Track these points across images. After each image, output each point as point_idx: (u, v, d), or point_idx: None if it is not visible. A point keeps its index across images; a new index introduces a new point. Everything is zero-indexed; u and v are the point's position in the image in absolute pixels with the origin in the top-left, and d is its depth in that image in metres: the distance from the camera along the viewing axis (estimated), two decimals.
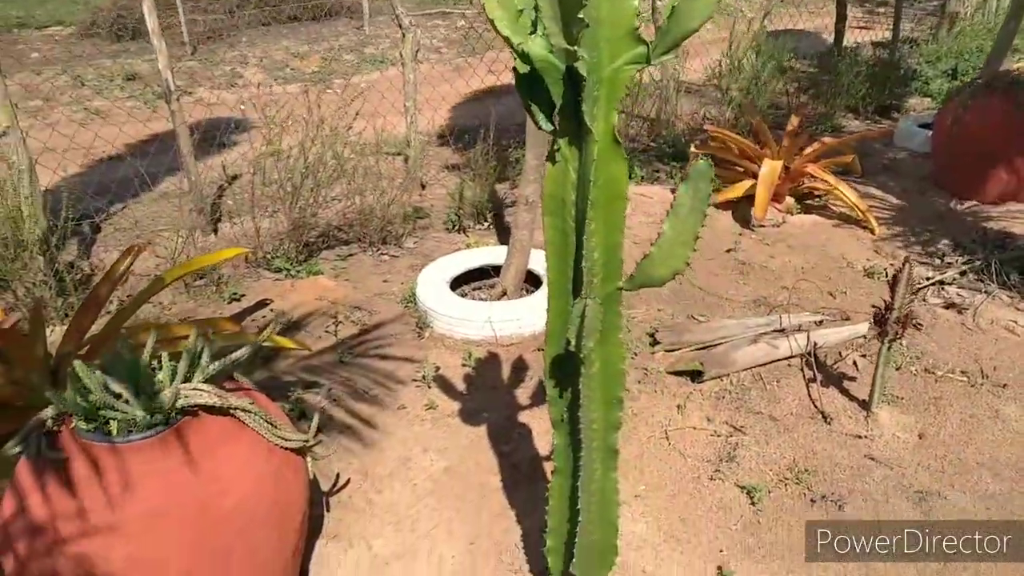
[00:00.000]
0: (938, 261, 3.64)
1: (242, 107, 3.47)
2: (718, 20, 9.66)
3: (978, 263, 3.55)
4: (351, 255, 3.81)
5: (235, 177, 4.67)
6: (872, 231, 3.96)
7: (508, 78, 6.45)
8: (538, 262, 3.34)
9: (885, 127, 5.50)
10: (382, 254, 3.84)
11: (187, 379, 1.66)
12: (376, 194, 3.87)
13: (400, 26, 4.18)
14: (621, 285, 1.42)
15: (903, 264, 2.40)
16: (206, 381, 1.67)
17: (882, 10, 11.85)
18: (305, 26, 9.94)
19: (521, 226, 3.14)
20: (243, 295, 3.36)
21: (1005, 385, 2.72)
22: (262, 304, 3.28)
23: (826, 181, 4.10)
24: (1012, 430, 2.52)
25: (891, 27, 8.50)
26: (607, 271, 1.40)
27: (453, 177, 4.77)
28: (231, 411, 1.65)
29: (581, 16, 1.09)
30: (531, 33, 1.29)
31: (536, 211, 3.13)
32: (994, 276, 3.42)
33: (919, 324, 3.02)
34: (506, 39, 1.25)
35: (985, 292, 3.32)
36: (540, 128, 1.38)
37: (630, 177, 4.58)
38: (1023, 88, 4.03)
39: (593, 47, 1.19)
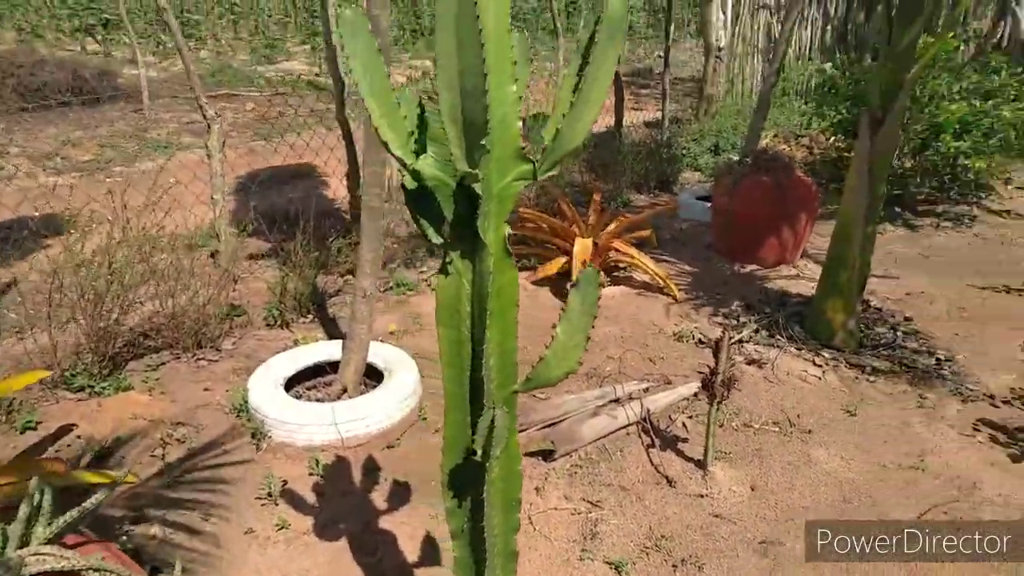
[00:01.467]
0: (735, 321, 4.06)
1: (35, 210, 3.07)
2: None
3: (767, 320, 4.01)
4: (163, 364, 3.49)
5: (10, 284, 4.13)
6: (674, 297, 4.34)
7: (310, 158, 6.35)
8: (377, 354, 3.28)
9: (673, 204, 6.06)
10: (198, 359, 3.56)
11: (23, 542, 1.43)
12: (189, 294, 3.61)
13: (204, 117, 4.00)
14: (517, 388, 1.44)
15: (722, 334, 2.66)
16: (49, 541, 1.44)
17: (645, 91, 13.16)
18: (76, 111, 9.16)
19: (360, 319, 3.07)
20: (39, 422, 2.95)
21: (810, 431, 3.06)
22: (66, 430, 2.90)
23: (630, 255, 4.45)
24: (824, 471, 2.83)
25: (658, 108, 9.53)
26: (503, 376, 1.43)
27: (268, 268, 4.57)
28: (82, 573, 1.43)
29: (484, 143, 1.13)
30: (415, 151, 1.31)
31: (373, 303, 3.09)
32: (782, 331, 3.88)
33: (738, 387, 3.32)
34: (399, 159, 1.26)
35: (778, 347, 3.75)
36: (431, 241, 1.39)
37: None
38: (782, 167, 4.68)
39: (483, 166, 1.24)
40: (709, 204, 5.52)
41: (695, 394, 3.28)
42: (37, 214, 3.17)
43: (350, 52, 1.21)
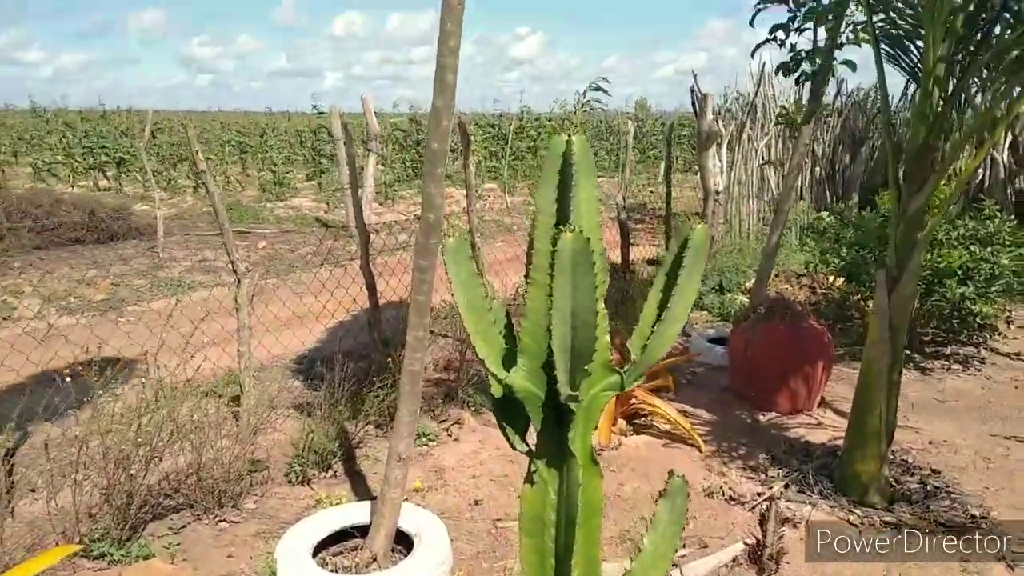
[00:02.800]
0: (763, 476, 4.01)
1: (67, 376, 3.06)
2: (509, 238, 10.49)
3: (795, 474, 3.96)
4: (184, 526, 3.40)
5: (19, 442, 4.06)
6: (699, 448, 4.30)
7: (327, 297, 6.41)
8: (405, 517, 3.19)
9: (690, 355, 6.04)
10: (219, 520, 3.47)
11: None
12: (214, 450, 3.57)
13: (236, 271, 4.09)
14: None
15: (768, 505, 2.62)
16: None
17: (639, 226, 13.53)
18: (89, 249, 9.36)
19: (393, 484, 3.02)
20: None
21: None
22: None
23: (651, 404, 4.45)
24: None
25: (651, 242, 9.80)
26: None
27: (287, 417, 4.54)
28: None
29: (587, 368, 1.17)
30: (506, 362, 1.35)
31: (408, 467, 3.06)
32: (812, 486, 3.83)
33: (787, 561, 3.22)
34: (493, 375, 1.30)
35: (810, 504, 3.68)
36: (515, 449, 1.40)
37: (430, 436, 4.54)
38: (796, 315, 4.77)
39: (583, 388, 1.27)
40: (722, 348, 5.57)
41: (734, 559, 3.19)
42: (68, 378, 3.17)
43: (452, 274, 1.27)
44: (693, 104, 8.58)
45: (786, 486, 3.88)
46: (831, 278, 7.03)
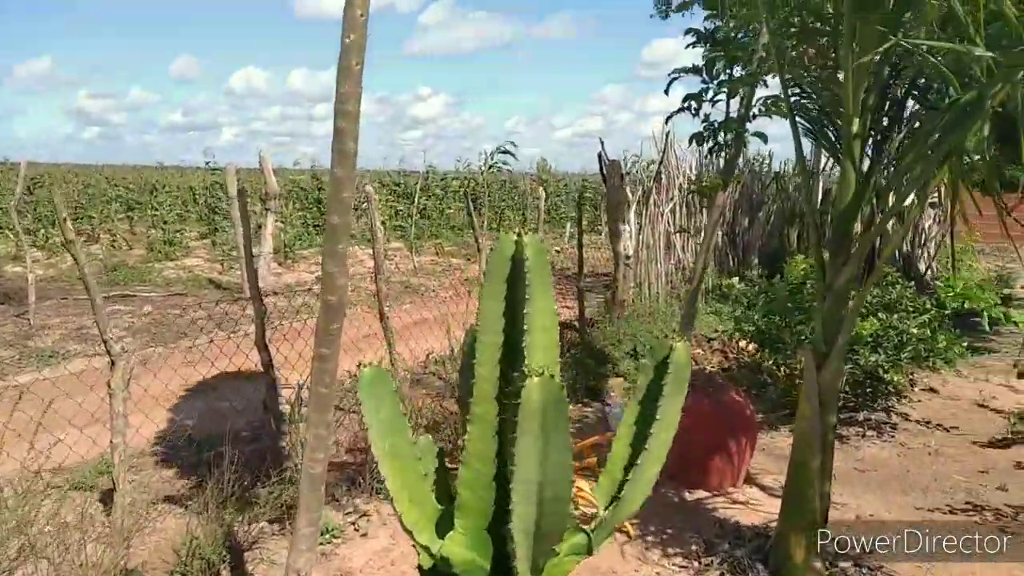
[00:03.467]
0: (696, 563, 3.78)
1: None
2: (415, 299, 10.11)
3: (729, 559, 3.74)
4: None
5: None
6: (628, 534, 4.04)
7: (210, 368, 5.88)
8: None
9: (605, 420, 5.88)
10: None
11: None
12: (78, 563, 3.04)
13: (109, 353, 3.60)
14: None
15: None
16: None
17: None
18: None
19: None
20: None
21: None
22: None
23: (578, 488, 4.17)
24: None
25: (565, 305, 9.68)
26: None
27: (169, 513, 4.01)
28: None
29: (556, 548, 0.89)
30: (440, 525, 1.05)
31: None
32: (746, 571, 3.62)
33: None
34: (424, 548, 0.99)
35: None
36: None
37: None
38: (717, 388, 4.64)
39: (547, 571, 0.98)
40: None
41: None
42: None
43: (369, 414, 0.97)
44: (601, 170, 8.63)
45: (721, 574, 3.66)
46: (742, 343, 7.04)
